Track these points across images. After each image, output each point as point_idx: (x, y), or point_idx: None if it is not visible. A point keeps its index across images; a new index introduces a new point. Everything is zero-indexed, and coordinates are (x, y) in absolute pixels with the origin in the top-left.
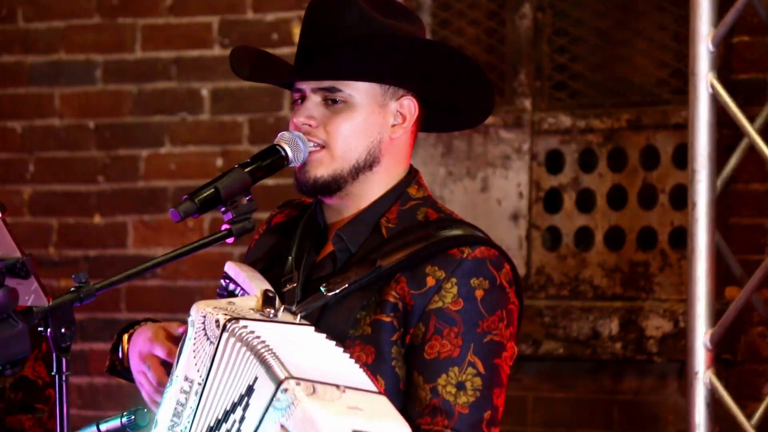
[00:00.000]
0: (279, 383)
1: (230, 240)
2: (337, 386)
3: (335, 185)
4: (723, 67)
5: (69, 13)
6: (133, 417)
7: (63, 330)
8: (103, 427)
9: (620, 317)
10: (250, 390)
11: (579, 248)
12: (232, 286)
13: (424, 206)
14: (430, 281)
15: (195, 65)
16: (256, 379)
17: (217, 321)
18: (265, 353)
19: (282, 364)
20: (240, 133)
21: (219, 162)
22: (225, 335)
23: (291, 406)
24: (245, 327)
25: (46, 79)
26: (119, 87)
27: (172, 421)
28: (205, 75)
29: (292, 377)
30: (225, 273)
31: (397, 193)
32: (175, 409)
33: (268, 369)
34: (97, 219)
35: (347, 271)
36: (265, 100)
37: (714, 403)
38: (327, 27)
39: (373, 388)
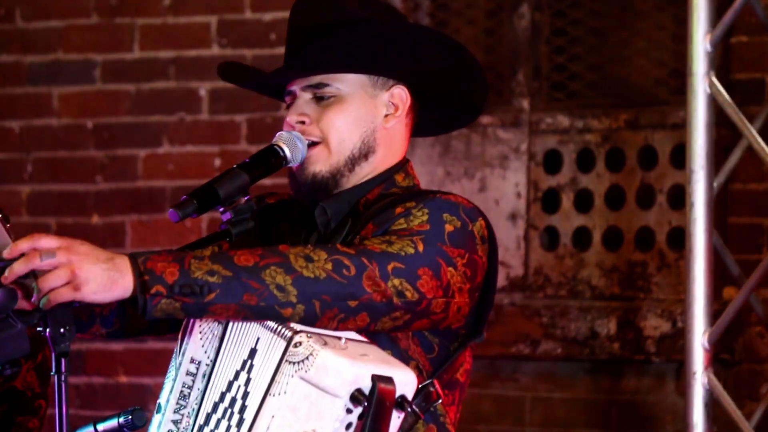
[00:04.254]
0: (289, 339)
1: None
2: (339, 338)
3: (333, 181)
4: (721, 67)
5: (67, 13)
6: (130, 417)
7: (62, 330)
8: (101, 427)
9: (618, 317)
10: (252, 352)
11: (577, 248)
12: None
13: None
14: (399, 210)
15: (193, 65)
16: (257, 340)
17: None
18: (267, 320)
19: (286, 323)
20: (238, 133)
21: (217, 162)
22: None
23: (310, 357)
24: None
25: (45, 78)
26: (117, 87)
27: (178, 404)
28: (203, 75)
29: (301, 331)
30: None
31: (383, 178)
32: (181, 392)
33: (273, 330)
34: (95, 219)
35: (328, 242)
36: (263, 100)
37: (712, 403)
38: (310, 25)
39: (365, 339)
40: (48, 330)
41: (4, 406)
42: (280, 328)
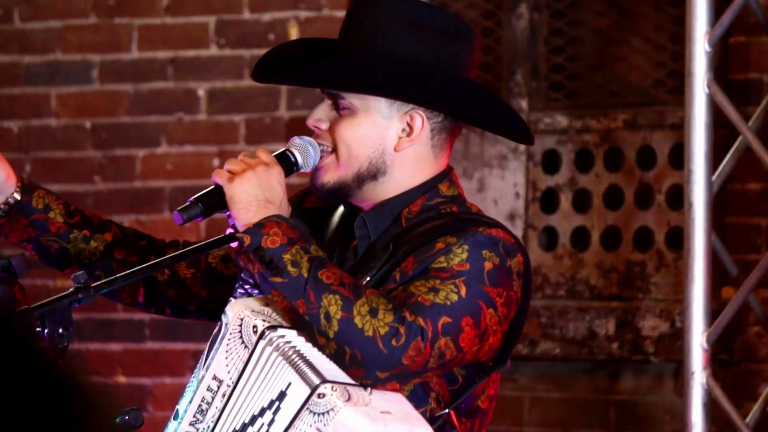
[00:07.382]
0: (314, 388)
1: (234, 244)
2: (365, 387)
3: (341, 192)
4: (719, 68)
5: (65, 13)
6: (127, 417)
7: (60, 330)
8: None
9: (617, 317)
10: (282, 395)
11: (575, 248)
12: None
13: (451, 203)
14: (440, 246)
15: (192, 65)
16: (289, 384)
17: (254, 327)
18: (299, 361)
19: (315, 369)
20: (237, 133)
21: (215, 162)
22: (262, 343)
23: (331, 412)
24: (282, 336)
25: (43, 79)
26: (116, 87)
27: (195, 417)
28: (201, 75)
29: (327, 381)
30: None
31: (426, 187)
32: (200, 406)
33: (302, 375)
34: None
35: (367, 264)
36: (262, 100)
37: (710, 403)
38: (345, 32)
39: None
40: (46, 330)
41: None
42: (308, 372)
